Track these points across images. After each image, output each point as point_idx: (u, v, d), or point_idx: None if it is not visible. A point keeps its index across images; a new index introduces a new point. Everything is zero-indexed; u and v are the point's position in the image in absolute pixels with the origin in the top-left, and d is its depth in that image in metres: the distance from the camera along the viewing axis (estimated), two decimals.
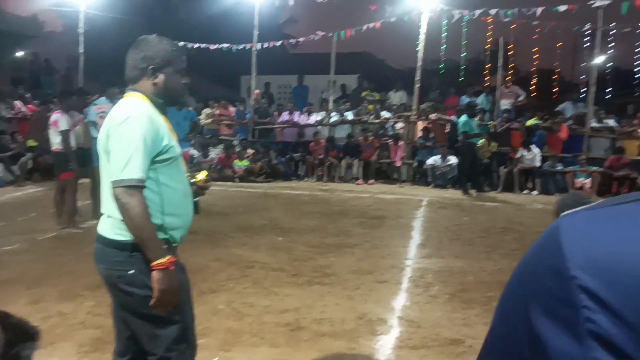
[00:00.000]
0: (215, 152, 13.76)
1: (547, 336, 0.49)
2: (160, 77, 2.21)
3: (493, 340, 0.60)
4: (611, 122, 12.81)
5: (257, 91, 15.05)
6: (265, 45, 15.16)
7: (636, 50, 14.70)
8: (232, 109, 15.19)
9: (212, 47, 15.68)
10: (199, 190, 2.43)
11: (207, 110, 14.83)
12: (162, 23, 19.89)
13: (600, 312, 0.44)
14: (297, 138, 14.26)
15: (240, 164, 12.91)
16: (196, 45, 15.53)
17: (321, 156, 13.35)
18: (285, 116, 14.64)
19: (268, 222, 7.80)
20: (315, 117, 14.52)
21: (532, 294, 0.52)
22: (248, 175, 12.71)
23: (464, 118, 11.34)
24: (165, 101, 2.25)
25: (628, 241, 0.45)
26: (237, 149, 13.46)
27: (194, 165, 11.08)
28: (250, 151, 13.46)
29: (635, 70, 16.03)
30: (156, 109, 2.20)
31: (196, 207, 2.37)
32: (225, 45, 15.67)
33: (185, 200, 2.25)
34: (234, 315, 4.12)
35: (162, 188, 2.15)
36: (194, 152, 12.71)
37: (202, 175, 2.47)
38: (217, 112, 14.92)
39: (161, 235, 2.13)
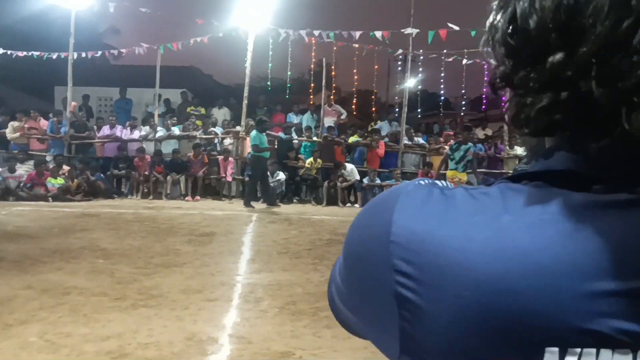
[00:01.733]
0: (24, 169, 12.48)
1: (363, 290, 0.54)
2: None
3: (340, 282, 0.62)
4: (421, 140, 14.14)
5: (74, 103, 14.02)
6: (83, 55, 14.20)
7: (441, 75, 16.41)
8: (44, 122, 13.94)
9: (21, 54, 14.30)
10: None
11: (14, 123, 13.44)
12: None
13: (409, 279, 0.49)
14: (120, 153, 13.53)
15: (55, 182, 11.86)
16: (1, 51, 14.05)
17: (146, 172, 12.81)
18: (106, 130, 13.82)
19: (87, 243, 7.25)
20: (139, 132, 13.92)
21: (354, 245, 0.56)
22: (64, 194, 11.72)
23: (254, 132, 11.73)
24: None
25: (454, 221, 0.50)
26: (51, 166, 12.36)
27: None
28: (66, 168, 12.44)
29: (440, 93, 17.91)
30: None
31: None
32: (36, 52, 14.39)
33: None
34: (48, 348, 3.74)
35: None
36: None
37: None
38: (26, 125, 13.59)
39: None
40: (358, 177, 12.95)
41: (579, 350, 0.44)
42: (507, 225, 0.47)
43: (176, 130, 13.91)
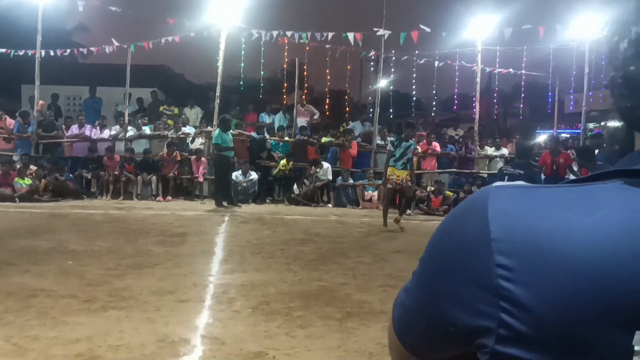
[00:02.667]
0: None
1: (460, 287, 0.57)
2: None
3: (412, 300, 0.66)
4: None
5: (41, 102, 13.72)
6: (52, 53, 13.92)
7: (413, 76, 16.57)
8: (10, 121, 13.61)
9: None
10: None
11: None
12: None
13: (510, 272, 0.53)
14: (89, 153, 13.30)
15: (22, 182, 11.60)
16: None
17: (116, 172, 12.61)
18: (74, 130, 13.57)
19: (56, 245, 7.10)
20: (109, 131, 13.71)
21: (452, 251, 0.59)
22: (31, 195, 11.47)
23: (216, 132, 11.69)
24: None
25: (543, 216, 0.54)
26: (18, 166, 12.08)
27: None
28: (33, 168, 12.17)
29: (412, 93, 18.08)
30: None
31: None
32: (2, 50, 14.05)
33: None
34: (14, 352, 3.65)
35: None
36: None
37: None
38: None
39: None
40: (331, 177, 12.98)
41: None
42: (605, 217, 0.51)
43: (147, 130, 13.74)
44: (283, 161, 13.06)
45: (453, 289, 0.58)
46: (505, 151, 14.33)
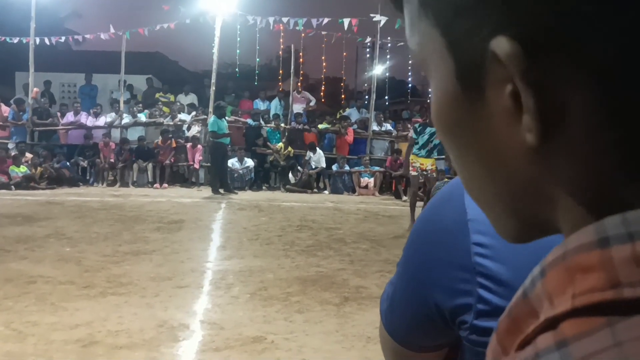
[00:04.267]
0: None
1: (441, 270, 0.58)
2: None
3: (397, 291, 0.67)
4: (389, 126, 14.23)
5: (35, 89, 13.64)
6: (46, 40, 13.82)
7: (409, 62, 16.54)
8: (5, 108, 13.53)
9: None
10: None
11: None
12: None
13: (486, 249, 0.54)
14: (85, 141, 13.25)
15: (18, 170, 11.56)
16: None
17: (112, 160, 12.59)
18: (70, 117, 13.50)
19: (52, 232, 7.10)
20: (104, 119, 13.65)
21: (432, 237, 0.60)
22: (27, 182, 11.43)
23: (212, 119, 11.65)
24: None
25: None
26: (13, 153, 12.03)
27: None
28: (29, 155, 12.13)
29: (408, 80, 18.07)
30: None
31: None
32: None
33: None
34: (14, 337, 3.67)
35: None
36: None
37: None
38: None
39: None
40: (324, 165, 12.99)
41: None
42: None
43: (142, 117, 13.69)
44: (280, 144, 13.03)
45: (434, 273, 0.59)
46: None
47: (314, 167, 12.87)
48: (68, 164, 12.52)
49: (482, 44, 0.27)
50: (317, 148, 13.12)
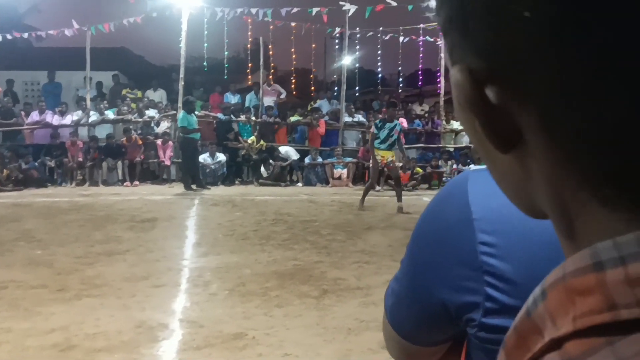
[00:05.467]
0: None
1: (447, 268, 0.59)
2: None
3: (402, 287, 0.68)
4: (361, 117, 14.27)
5: None
6: (8, 36, 13.43)
7: (378, 52, 16.58)
8: None
9: None
10: None
11: None
12: None
13: (492, 248, 0.55)
14: (51, 140, 12.95)
15: None
16: None
17: (80, 159, 12.34)
18: (35, 116, 13.17)
19: (21, 235, 6.94)
20: (71, 117, 13.36)
21: (436, 235, 0.61)
22: None
23: (181, 114, 11.57)
24: None
25: None
26: None
27: None
28: None
29: (378, 70, 18.11)
30: None
31: None
32: None
33: None
34: None
35: None
36: None
37: None
38: None
39: None
40: (295, 157, 12.97)
41: None
42: None
43: (110, 114, 13.44)
44: (252, 137, 12.96)
45: (440, 271, 0.60)
46: None
47: (285, 160, 12.85)
48: (36, 164, 12.23)
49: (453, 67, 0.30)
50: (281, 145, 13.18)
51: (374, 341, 3.58)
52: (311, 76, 18.01)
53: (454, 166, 12.99)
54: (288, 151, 12.98)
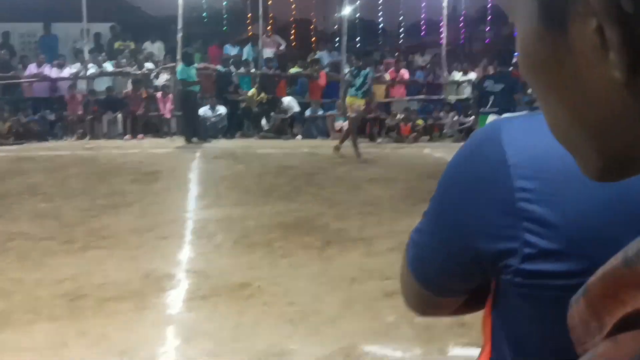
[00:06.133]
0: None
1: (482, 216, 0.58)
2: None
3: (428, 238, 0.67)
4: None
5: None
6: None
7: (379, 2, 16.23)
8: None
9: None
10: None
11: None
12: None
13: (531, 194, 0.54)
14: (50, 93, 12.84)
15: None
16: None
17: (80, 112, 12.28)
18: (32, 69, 13.02)
19: (26, 188, 6.99)
20: (69, 70, 13.21)
21: (470, 184, 0.60)
22: None
23: (180, 67, 11.45)
24: None
25: (552, 138, 0.56)
26: None
27: None
28: None
29: (379, 20, 17.76)
30: None
31: None
32: None
33: None
34: None
35: None
36: None
37: None
38: None
39: None
40: (297, 109, 12.88)
41: None
42: None
43: (109, 67, 13.28)
44: (253, 90, 12.86)
45: (474, 220, 0.59)
46: (472, 76, 14.34)
47: (288, 112, 12.78)
48: (36, 117, 12.18)
49: None
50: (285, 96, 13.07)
51: (377, 290, 3.67)
52: (311, 27, 17.69)
53: (455, 118, 12.93)
54: (290, 102, 12.88)
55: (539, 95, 0.32)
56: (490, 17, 17.41)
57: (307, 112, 13.01)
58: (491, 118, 6.07)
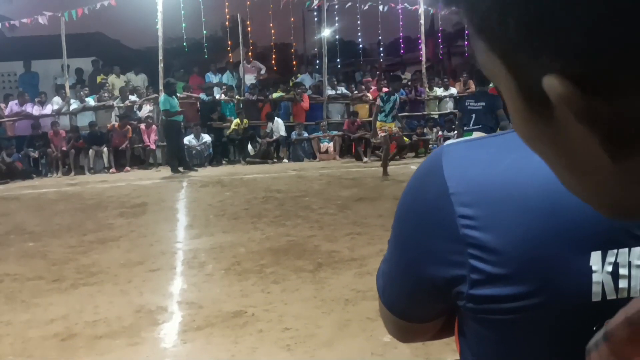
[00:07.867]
0: None
1: (432, 244, 0.59)
2: None
3: (391, 267, 0.68)
4: (343, 89, 14.23)
5: None
6: None
7: (358, 23, 16.44)
8: None
9: None
10: None
11: None
12: None
13: (473, 220, 0.56)
14: (33, 131, 12.78)
15: None
16: None
17: (64, 148, 12.22)
18: (15, 107, 12.97)
19: (12, 228, 6.91)
20: (51, 107, 13.18)
21: (417, 213, 0.61)
22: None
23: (162, 97, 11.51)
24: None
25: (494, 163, 0.57)
26: None
27: None
28: None
29: (358, 40, 17.99)
30: None
31: None
32: None
33: None
34: None
35: None
36: None
37: None
38: None
39: None
40: (284, 133, 12.92)
41: (615, 251, 0.52)
42: None
43: (91, 101, 13.26)
44: (236, 120, 12.90)
45: (424, 248, 0.60)
46: (453, 90, 14.51)
47: (274, 136, 12.82)
48: (19, 156, 12.10)
49: (538, 77, 0.26)
50: (275, 117, 13.06)
51: (371, 310, 3.65)
52: (292, 50, 17.84)
53: (440, 132, 13.04)
54: (279, 125, 12.91)
55: (542, 159, 0.32)
56: (467, 31, 17.64)
57: (293, 135, 13.06)
58: (476, 134, 6.13)
